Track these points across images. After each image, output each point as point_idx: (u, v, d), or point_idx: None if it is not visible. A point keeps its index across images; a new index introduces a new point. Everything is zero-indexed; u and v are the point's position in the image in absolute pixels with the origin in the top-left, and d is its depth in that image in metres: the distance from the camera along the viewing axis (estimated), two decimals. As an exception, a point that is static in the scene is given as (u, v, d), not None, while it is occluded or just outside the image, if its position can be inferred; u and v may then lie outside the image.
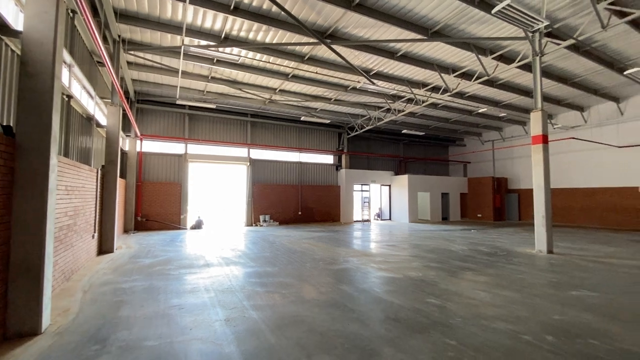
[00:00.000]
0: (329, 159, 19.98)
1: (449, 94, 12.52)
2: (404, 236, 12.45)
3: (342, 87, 13.39)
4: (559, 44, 8.94)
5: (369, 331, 3.56)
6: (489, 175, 21.01)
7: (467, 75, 12.15)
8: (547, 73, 12.21)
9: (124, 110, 10.57)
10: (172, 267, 6.81)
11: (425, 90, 13.48)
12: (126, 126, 13.67)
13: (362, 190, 20.49)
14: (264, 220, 16.63)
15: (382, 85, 13.04)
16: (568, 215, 17.24)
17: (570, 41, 8.63)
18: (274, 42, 9.76)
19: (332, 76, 12.26)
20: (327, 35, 9.29)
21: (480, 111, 16.42)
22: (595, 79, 13.09)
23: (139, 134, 13.86)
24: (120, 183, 10.82)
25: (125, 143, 13.81)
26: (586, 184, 16.73)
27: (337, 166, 19.95)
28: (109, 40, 8.73)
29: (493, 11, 6.21)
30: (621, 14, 7.80)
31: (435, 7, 8.10)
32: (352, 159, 20.53)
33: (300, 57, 10.71)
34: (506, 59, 10.81)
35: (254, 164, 17.16)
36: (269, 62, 11.17)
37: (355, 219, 19.82)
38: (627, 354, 3.05)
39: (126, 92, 13.09)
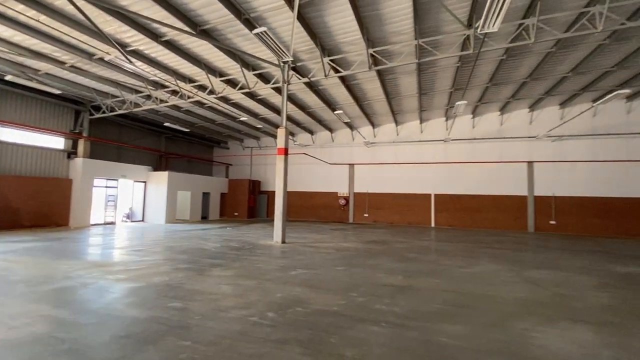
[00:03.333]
0: (57, 142, 14.93)
1: (215, 96, 12.86)
2: (157, 239, 11.38)
3: (85, 52, 10.45)
4: (300, 79, 11.42)
5: (83, 361, 2.88)
6: (246, 178, 23.42)
7: (233, 83, 12.97)
8: (292, 99, 15.26)
9: None
10: None
11: (192, 87, 13.13)
12: None
13: (107, 187, 16.86)
14: None
15: (141, 67, 11.38)
16: (299, 212, 22.27)
17: (306, 79, 11.27)
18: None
19: (68, 35, 9.29)
20: (62, -22, 6.99)
21: (242, 119, 17.99)
22: (320, 113, 17.82)
23: None
24: None
25: None
26: (311, 189, 22.33)
27: (70, 153, 15.34)
28: None
29: (253, 32, 7.00)
30: (336, 70, 11.07)
31: (204, 5, 8.06)
32: (95, 146, 16.44)
33: (8, -11, 7.37)
34: (265, 78, 12.51)
35: None
36: None
37: (94, 221, 15.95)
38: (317, 312, 4.24)
39: None
